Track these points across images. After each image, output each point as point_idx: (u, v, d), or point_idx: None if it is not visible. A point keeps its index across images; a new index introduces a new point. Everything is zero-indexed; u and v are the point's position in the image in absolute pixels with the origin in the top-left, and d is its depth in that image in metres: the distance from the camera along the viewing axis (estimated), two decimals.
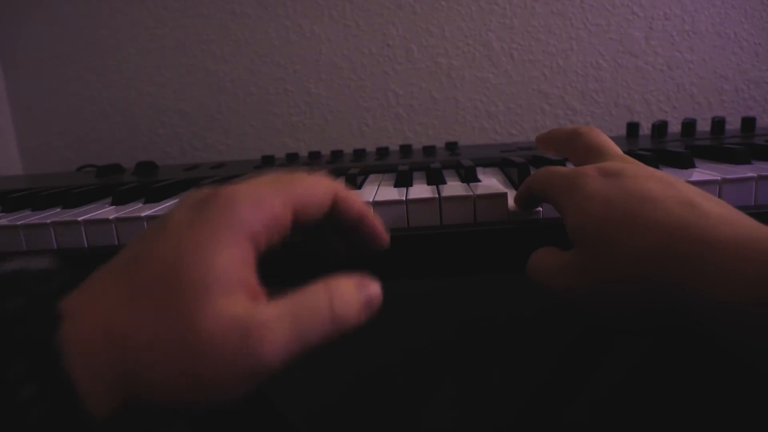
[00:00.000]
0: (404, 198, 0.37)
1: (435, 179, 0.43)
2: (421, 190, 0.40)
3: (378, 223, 0.28)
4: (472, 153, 0.61)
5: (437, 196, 0.37)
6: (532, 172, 0.37)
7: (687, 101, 0.85)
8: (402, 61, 0.87)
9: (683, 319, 0.23)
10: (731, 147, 0.44)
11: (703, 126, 0.66)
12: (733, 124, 0.65)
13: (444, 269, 0.37)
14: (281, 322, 0.20)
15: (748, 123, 0.62)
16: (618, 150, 0.34)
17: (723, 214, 0.24)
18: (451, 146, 0.66)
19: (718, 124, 0.61)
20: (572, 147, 0.37)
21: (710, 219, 0.23)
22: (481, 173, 0.47)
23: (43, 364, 0.16)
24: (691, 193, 0.26)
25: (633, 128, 0.67)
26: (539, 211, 0.37)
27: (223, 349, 0.18)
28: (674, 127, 0.69)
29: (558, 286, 0.29)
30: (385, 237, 0.28)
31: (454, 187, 0.40)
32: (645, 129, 0.83)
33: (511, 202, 0.37)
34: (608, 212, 0.27)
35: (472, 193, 0.37)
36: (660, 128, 0.62)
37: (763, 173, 0.37)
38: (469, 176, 0.43)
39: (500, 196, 0.37)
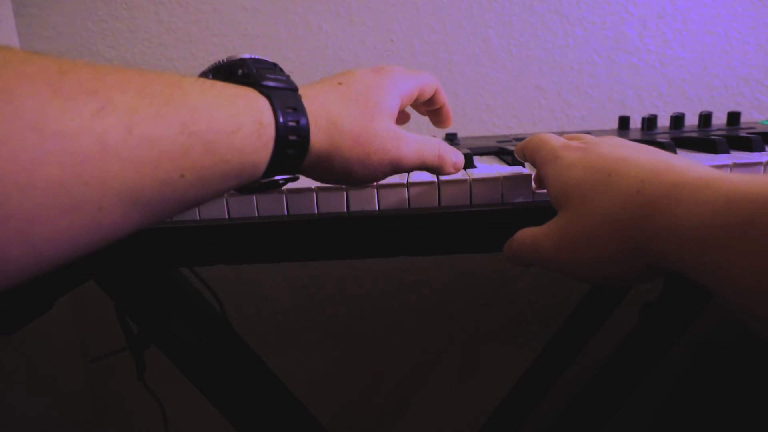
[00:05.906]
0: (405, 181, 0.41)
1: None
2: (420, 174, 0.43)
3: (449, 111, 0.46)
4: (470, 143, 0.63)
5: (436, 180, 0.40)
6: None
7: (678, 97, 0.86)
8: (405, 56, 0.88)
9: (655, 267, 0.25)
10: (713, 138, 0.47)
11: (693, 120, 0.68)
12: (722, 119, 0.66)
13: (444, 247, 0.41)
14: (413, 138, 0.35)
15: (734, 117, 0.64)
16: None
17: (690, 165, 0.25)
18: (451, 137, 0.68)
19: (705, 117, 0.63)
20: None
21: (678, 167, 0.25)
22: (478, 161, 0.50)
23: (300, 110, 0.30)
24: (662, 154, 0.28)
25: (624, 121, 0.69)
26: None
27: (384, 138, 0.34)
28: (666, 121, 0.71)
29: (543, 254, 0.30)
30: (450, 120, 0.46)
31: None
32: (638, 123, 0.85)
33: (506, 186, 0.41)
34: (586, 175, 0.29)
35: (468, 178, 0.40)
36: (650, 121, 0.64)
37: (737, 161, 0.40)
38: (466, 163, 0.46)
39: (495, 179, 0.40)
